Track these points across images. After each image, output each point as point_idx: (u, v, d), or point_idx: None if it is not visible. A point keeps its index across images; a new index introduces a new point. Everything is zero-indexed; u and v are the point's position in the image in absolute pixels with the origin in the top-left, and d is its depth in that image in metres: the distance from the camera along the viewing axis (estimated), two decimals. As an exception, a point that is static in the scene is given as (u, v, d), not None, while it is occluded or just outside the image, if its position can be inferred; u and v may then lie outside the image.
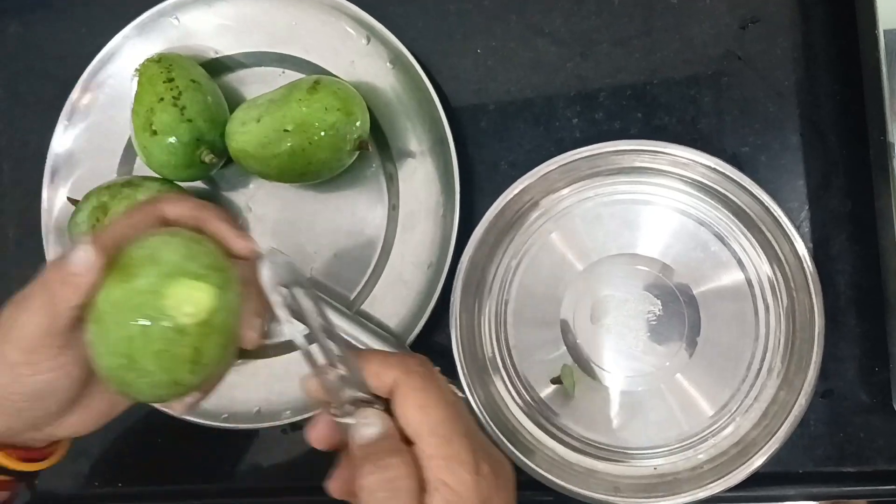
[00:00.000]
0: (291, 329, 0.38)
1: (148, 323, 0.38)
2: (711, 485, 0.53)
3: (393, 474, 0.35)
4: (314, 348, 0.39)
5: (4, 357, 0.41)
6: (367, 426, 0.37)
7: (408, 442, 0.37)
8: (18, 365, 0.40)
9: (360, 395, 0.38)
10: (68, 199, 0.62)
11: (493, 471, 0.37)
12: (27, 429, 0.44)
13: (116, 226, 0.42)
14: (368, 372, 0.38)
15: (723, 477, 0.53)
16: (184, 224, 0.43)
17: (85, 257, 0.39)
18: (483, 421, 0.56)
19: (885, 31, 0.51)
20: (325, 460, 0.39)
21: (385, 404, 0.38)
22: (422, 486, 0.36)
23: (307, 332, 0.39)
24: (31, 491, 0.49)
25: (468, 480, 0.36)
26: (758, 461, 0.53)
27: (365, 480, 0.35)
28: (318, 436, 0.39)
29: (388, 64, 0.61)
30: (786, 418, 0.53)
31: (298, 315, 0.39)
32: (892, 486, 0.56)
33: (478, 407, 0.56)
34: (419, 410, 0.37)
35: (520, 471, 0.54)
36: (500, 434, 0.55)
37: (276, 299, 0.38)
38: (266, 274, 0.38)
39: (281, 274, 0.39)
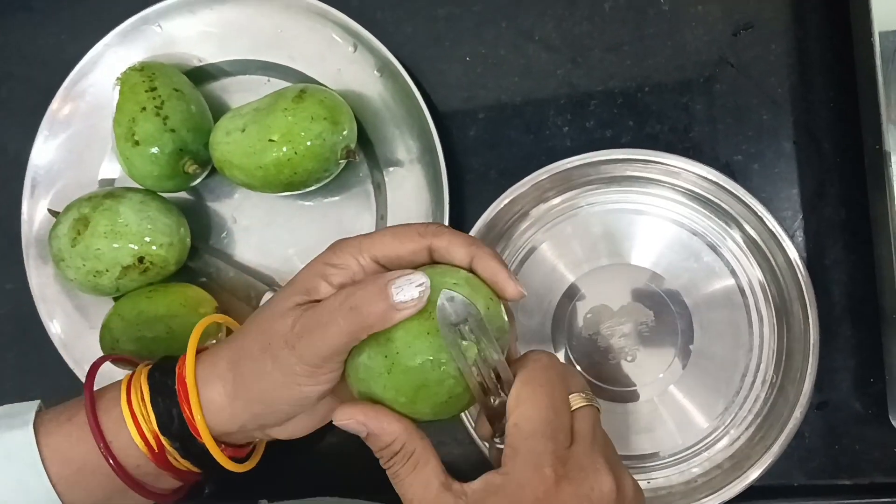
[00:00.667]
0: (464, 365, 0.39)
1: (445, 374, 0.39)
2: (706, 499, 0.53)
3: None
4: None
5: (289, 366, 0.41)
6: None
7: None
8: (300, 376, 0.41)
9: None
10: (49, 210, 0.61)
11: (566, 479, 0.38)
12: (262, 427, 0.45)
13: (387, 247, 0.42)
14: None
15: (717, 491, 0.53)
16: (454, 260, 0.42)
17: (418, 294, 0.39)
18: (478, 439, 0.55)
19: (880, 33, 0.50)
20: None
21: None
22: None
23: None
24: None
25: (522, 475, 0.38)
26: (753, 474, 0.52)
27: None
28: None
29: (375, 72, 0.60)
30: (781, 431, 0.52)
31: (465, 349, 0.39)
32: (888, 499, 0.55)
33: (468, 419, 0.55)
34: (513, 401, 0.39)
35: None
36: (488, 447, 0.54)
37: (450, 337, 0.39)
38: (443, 312, 0.39)
39: (457, 311, 0.39)
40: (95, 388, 0.47)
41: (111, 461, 0.44)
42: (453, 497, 0.39)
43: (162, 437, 0.44)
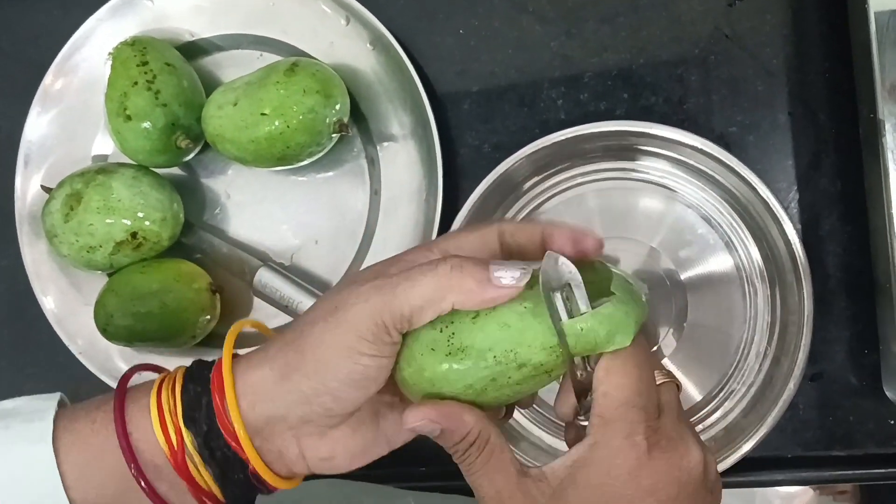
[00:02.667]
0: (561, 333, 0.37)
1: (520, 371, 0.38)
2: (700, 471, 0.53)
3: None
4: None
5: (356, 325, 0.38)
6: None
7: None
8: (364, 340, 0.38)
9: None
10: (42, 187, 0.61)
11: (658, 447, 0.38)
12: (305, 421, 0.41)
13: (461, 241, 0.41)
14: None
15: (711, 462, 0.53)
16: (526, 240, 0.41)
17: (520, 274, 0.37)
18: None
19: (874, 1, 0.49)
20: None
21: None
22: None
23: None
24: None
25: (614, 444, 0.37)
26: (746, 446, 0.52)
27: None
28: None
29: (368, 45, 0.60)
30: (775, 402, 0.52)
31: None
32: (882, 470, 0.55)
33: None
34: (602, 371, 0.38)
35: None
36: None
37: (551, 302, 0.37)
38: (546, 276, 0.37)
39: (561, 275, 0.38)
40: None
41: (126, 453, 0.40)
42: (533, 482, 0.38)
43: (184, 430, 0.40)
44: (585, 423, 0.39)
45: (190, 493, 0.41)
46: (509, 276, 0.37)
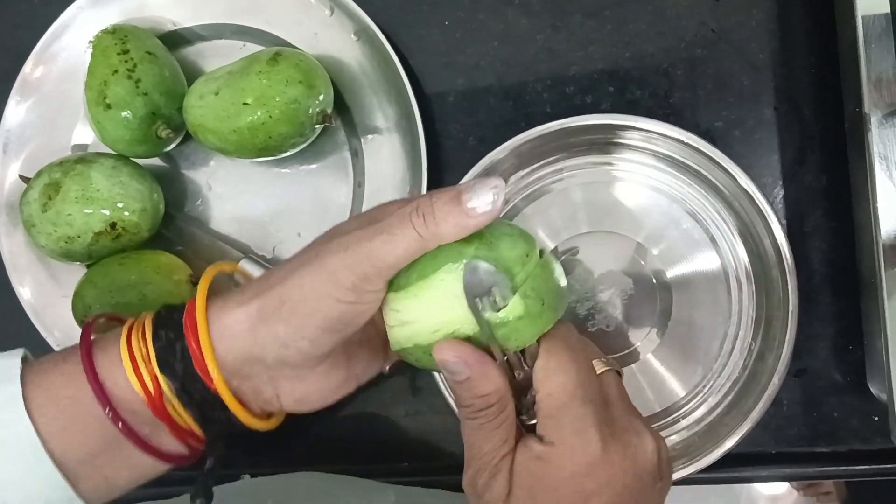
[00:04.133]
0: (490, 338, 0.38)
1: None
2: (683, 466, 0.52)
3: None
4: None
5: (335, 273, 0.38)
6: None
7: None
8: (344, 287, 0.38)
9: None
10: (20, 176, 0.60)
11: (612, 440, 0.38)
12: (281, 363, 0.41)
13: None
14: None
15: (695, 458, 0.52)
16: None
17: (493, 196, 0.37)
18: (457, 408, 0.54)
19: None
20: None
21: None
22: None
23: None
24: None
25: (568, 442, 0.37)
26: (730, 442, 0.52)
27: None
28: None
29: (352, 36, 0.59)
30: (758, 398, 0.52)
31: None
32: (866, 467, 0.55)
33: (445, 387, 0.54)
34: (542, 372, 0.38)
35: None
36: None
37: (476, 307, 0.38)
38: (467, 284, 0.38)
39: (483, 281, 0.38)
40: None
41: (99, 396, 0.40)
42: (511, 464, 0.39)
43: (160, 376, 0.40)
44: (531, 423, 0.39)
45: (171, 433, 0.42)
46: (484, 203, 0.37)
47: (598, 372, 0.41)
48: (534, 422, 0.40)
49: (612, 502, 0.38)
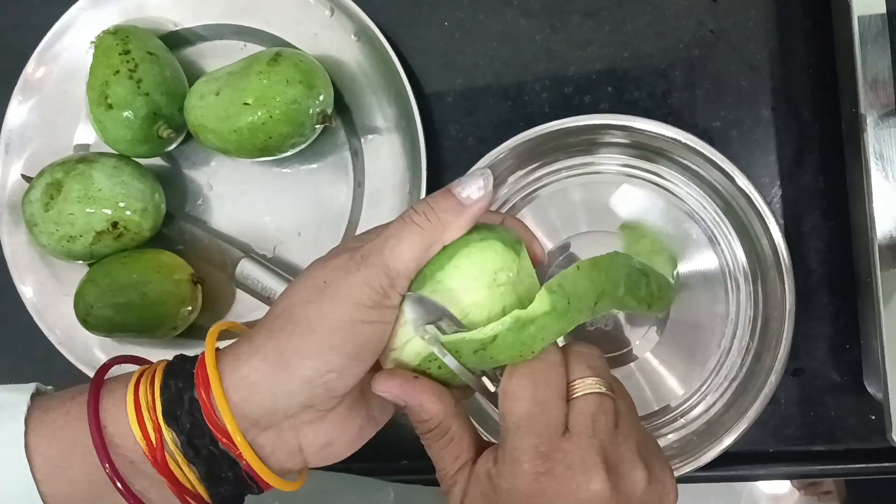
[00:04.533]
0: (453, 361, 0.38)
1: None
2: (681, 465, 0.53)
3: None
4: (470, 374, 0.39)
5: (352, 293, 0.37)
6: None
7: None
8: (364, 306, 0.37)
9: None
10: (22, 176, 0.60)
11: (548, 477, 0.36)
12: (304, 407, 0.39)
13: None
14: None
15: (692, 456, 0.53)
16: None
17: (483, 181, 0.38)
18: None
19: None
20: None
21: None
22: None
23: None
24: None
25: (506, 468, 0.37)
26: (727, 440, 0.52)
27: None
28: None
29: (352, 36, 0.59)
30: (756, 397, 0.52)
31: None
32: (863, 465, 0.55)
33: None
34: (500, 394, 0.38)
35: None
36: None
37: (428, 337, 0.37)
38: (411, 316, 0.38)
39: (428, 311, 0.38)
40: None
41: (96, 440, 0.38)
42: (468, 477, 0.39)
43: (164, 427, 0.38)
44: None
45: (171, 489, 0.39)
46: (476, 189, 0.38)
47: (573, 396, 0.38)
48: None
49: None
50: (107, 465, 0.38)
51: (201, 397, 0.38)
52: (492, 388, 0.39)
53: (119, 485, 0.38)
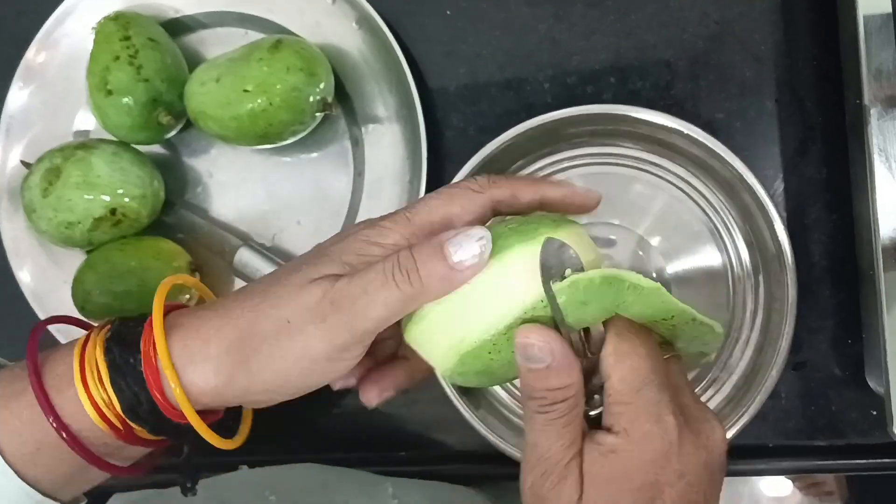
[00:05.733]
0: (562, 323, 0.36)
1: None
2: (680, 458, 0.52)
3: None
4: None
5: (313, 346, 0.36)
6: None
7: None
8: (323, 360, 0.36)
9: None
10: (21, 162, 0.60)
11: (686, 428, 0.36)
12: (249, 404, 0.41)
13: (438, 210, 0.38)
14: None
15: (692, 450, 0.52)
16: (523, 205, 0.39)
17: (479, 249, 0.35)
18: (454, 397, 0.54)
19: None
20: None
21: None
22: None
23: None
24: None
25: (643, 430, 0.35)
26: (728, 434, 0.51)
27: None
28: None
29: (354, 24, 0.59)
30: (757, 391, 0.51)
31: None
32: (864, 461, 0.55)
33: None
34: (612, 357, 0.36)
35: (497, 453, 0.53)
36: (472, 411, 0.54)
37: (550, 291, 0.35)
38: (545, 264, 0.35)
39: (561, 260, 0.36)
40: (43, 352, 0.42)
41: (74, 447, 0.39)
42: (579, 467, 0.36)
43: (129, 421, 0.39)
44: (593, 413, 0.37)
45: (142, 447, 0.41)
46: (469, 256, 0.35)
47: (664, 357, 0.38)
48: (596, 412, 0.37)
49: (684, 493, 0.36)
50: (87, 456, 0.39)
51: (159, 400, 0.38)
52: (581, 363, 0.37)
53: (56, 425, 0.38)
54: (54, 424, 0.38)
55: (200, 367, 0.38)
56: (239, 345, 0.38)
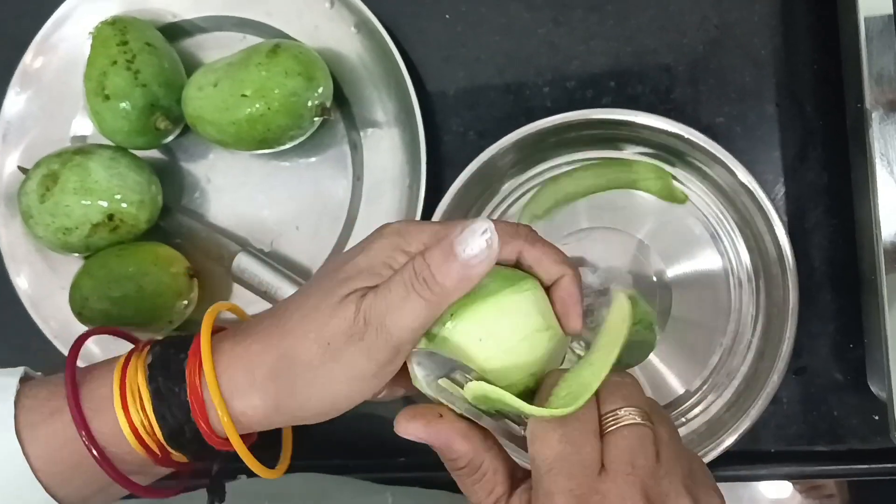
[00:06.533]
0: (472, 411, 0.37)
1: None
2: (681, 464, 0.52)
3: None
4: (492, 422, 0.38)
5: (356, 365, 0.37)
6: None
7: None
8: (367, 377, 0.37)
9: None
10: (18, 167, 0.60)
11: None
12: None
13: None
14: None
15: (693, 456, 0.52)
16: (540, 274, 0.39)
17: (486, 243, 0.35)
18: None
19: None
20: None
21: None
22: None
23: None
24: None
25: None
26: (728, 440, 0.51)
27: None
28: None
29: (352, 29, 0.59)
30: (758, 396, 0.51)
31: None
32: (866, 466, 0.55)
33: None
34: (528, 438, 0.36)
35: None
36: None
37: (448, 395, 0.37)
38: (420, 373, 0.37)
39: (440, 366, 0.37)
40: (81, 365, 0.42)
41: (110, 472, 0.39)
42: None
43: (170, 449, 0.39)
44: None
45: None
46: (479, 247, 0.35)
47: (608, 430, 0.35)
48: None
49: None
50: (83, 433, 0.39)
51: (204, 431, 0.38)
52: (520, 433, 0.37)
53: (95, 452, 0.39)
54: (94, 452, 0.39)
55: (248, 397, 0.38)
56: (284, 372, 0.38)
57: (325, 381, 0.37)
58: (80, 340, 0.44)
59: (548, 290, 0.39)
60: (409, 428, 0.37)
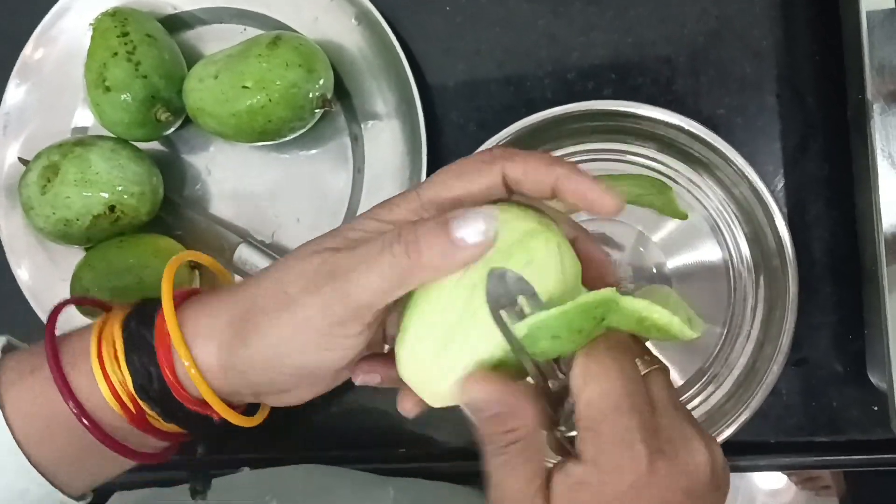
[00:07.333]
0: (519, 349, 0.34)
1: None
2: (681, 455, 0.52)
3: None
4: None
5: (306, 319, 0.35)
6: None
7: None
8: (317, 335, 0.35)
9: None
10: (19, 159, 0.60)
11: (661, 455, 0.33)
12: (257, 395, 0.40)
13: (449, 186, 0.36)
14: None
15: (693, 447, 0.52)
16: (537, 188, 0.36)
17: (484, 227, 0.33)
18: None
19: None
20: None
21: None
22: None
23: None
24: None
25: (612, 460, 0.33)
26: (728, 431, 0.52)
27: None
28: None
29: (353, 20, 0.59)
30: (758, 387, 0.51)
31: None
32: (865, 457, 0.55)
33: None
34: (580, 379, 0.34)
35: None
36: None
37: (501, 320, 0.33)
38: (492, 295, 0.33)
39: (509, 291, 0.34)
40: (60, 334, 0.41)
41: (85, 422, 0.38)
42: (545, 497, 0.34)
43: (140, 402, 0.38)
44: (570, 434, 0.35)
45: (155, 438, 0.40)
46: (475, 233, 0.33)
47: (643, 373, 0.35)
48: (573, 433, 0.35)
49: None
50: (99, 435, 0.38)
51: (168, 378, 0.38)
52: (550, 385, 0.35)
53: (116, 449, 0.39)
54: (67, 397, 0.38)
55: (207, 343, 0.37)
56: (240, 318, 0.37)
57: (276, 329, 0.36)
58: (64, 302, 0.44)
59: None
60: (479, 384, 0.33)
